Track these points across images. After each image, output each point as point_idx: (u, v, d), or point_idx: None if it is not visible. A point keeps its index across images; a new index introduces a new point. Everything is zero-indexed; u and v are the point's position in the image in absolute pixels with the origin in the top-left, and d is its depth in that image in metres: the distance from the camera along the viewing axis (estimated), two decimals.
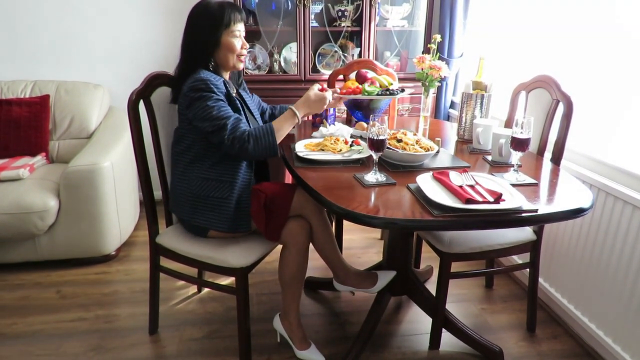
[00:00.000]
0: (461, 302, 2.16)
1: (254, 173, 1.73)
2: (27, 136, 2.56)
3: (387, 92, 1.96)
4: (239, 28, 1.65)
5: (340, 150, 1.73)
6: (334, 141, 1.77)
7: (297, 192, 1.66)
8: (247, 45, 1.71)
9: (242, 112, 1.67)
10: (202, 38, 1.62)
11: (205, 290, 2.22)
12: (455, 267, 1.75)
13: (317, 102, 1.67)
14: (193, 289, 2.23)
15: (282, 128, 1.62)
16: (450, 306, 2.05)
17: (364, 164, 1.67)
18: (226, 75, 1.74)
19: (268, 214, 1.62)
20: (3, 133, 2.53)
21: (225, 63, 1.68)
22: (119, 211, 2.42)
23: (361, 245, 2.68)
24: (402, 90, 1.99)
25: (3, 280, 2.29)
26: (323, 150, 1.74)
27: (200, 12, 1.63)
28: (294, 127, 1.70)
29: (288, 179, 2.79)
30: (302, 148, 1.76)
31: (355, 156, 1.69)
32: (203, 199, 1.64)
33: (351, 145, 1.77)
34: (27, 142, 2.56)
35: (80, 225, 2.30)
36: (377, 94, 1.94)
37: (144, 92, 1.70)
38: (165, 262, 1.79)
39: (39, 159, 2.55)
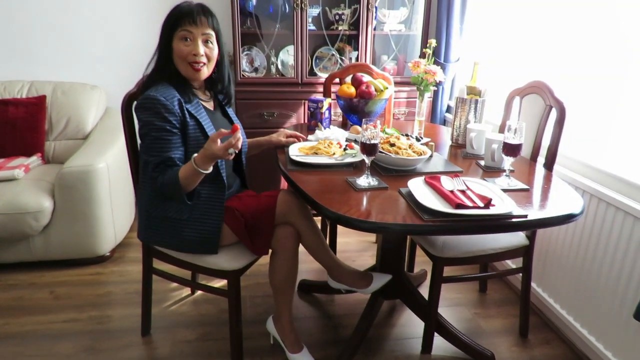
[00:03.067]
0: (454, 306, 2.17)
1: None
2: (23, 136, 2.57)
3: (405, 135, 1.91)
4: (191, 30, 1.49)
5: (334, 153, 1.73)
6: (328, 144, 1.78)
7: (279, 200, 1.62)
8: (201, 51, 1.51)
9: (199, 135, 1.54)
10: (159, 43, 1.54)
11: (199, 292, 2.22)
12: (448, 271, 1.75)
13: (219, 154, 1.41)
14: (186, 291, 2.23)
15: (189, 184, 1.47)
16: (444, 310, 2.06)
17: (357, 167, 1.67)
18: (196, 84, 1.63)
19: (253, 231, 1.59)
20: None
21: (183, 73, 1.55)
22: (114, 212, 2.42)
23: (356, 249, 2.68)
24: (420, 139, 1.96)
25: None
26: (317, 153, 1.74)
27: (166, 16, 1.54)
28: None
29: (284, 183, 2.80)
30: (296, 151, 1.76)
31: (349, 160, 1.70)
32: (158, 219, 1.59)
33: (345, 149, 1.78)
34: (23, 142, 2.56)
35: (74, 226, 2.30)
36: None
37: (138, 94, 1.69)
38: (158, 264, 1.79)
39: (35, 160, 2.55)
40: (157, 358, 1.82)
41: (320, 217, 2.56)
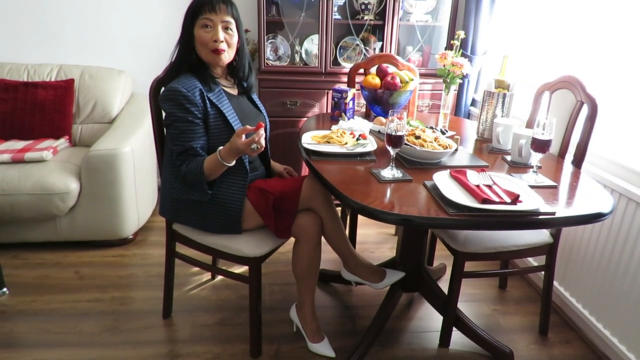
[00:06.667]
0: (473, 301, 2.15)
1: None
2: (52, 119, 2.62)
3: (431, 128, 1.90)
4: (211, 17, 1.53)
5: (346, 143, 1.72)
6: (340, 134, 1.77)
7: (305, 184, 1.65)
8: (221, 37, 1.54)
9: (220, 124, 1.57)
10: (182, 32, 1.58)
11: (219, 277, 2.25)
12: (469, 266, 1.73)
13: (242, 148, 1.45)
14: (207, 275, 2.26)
15: (211, 174, 1.53)
16: (462, 305, 2.05)
17: (371, 158, 1.66)
18: (218, 71, 1.66)
19: (277, 212, 1.62)
20: (29, 115, 2.59)
21: (205, 59, 1.59)
22: (138, 196, 2.46)
23: (375, 241, 2.68)
24: (445, 132, 1.94)
25: (24, 259, 2.35)
26: (329, 142, 1.73)
27: (188, 7, 1.59)
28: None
29: (305, 170, 2.80)
30: (308, 139, 1.76)
31: (359, 150, 1.69)
32: (183, 202, 1.64)
33: (357, 139, 1.76)
34: (51, 124, 2.61)
35: (99, 208, 2.35)
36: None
37: (165, 80, 1.71)
38: (180, 248, 1.82)
39: (62, 142, 2.60)
40: (177, 340, 1.85)
41: (340, 207, 2.57)
